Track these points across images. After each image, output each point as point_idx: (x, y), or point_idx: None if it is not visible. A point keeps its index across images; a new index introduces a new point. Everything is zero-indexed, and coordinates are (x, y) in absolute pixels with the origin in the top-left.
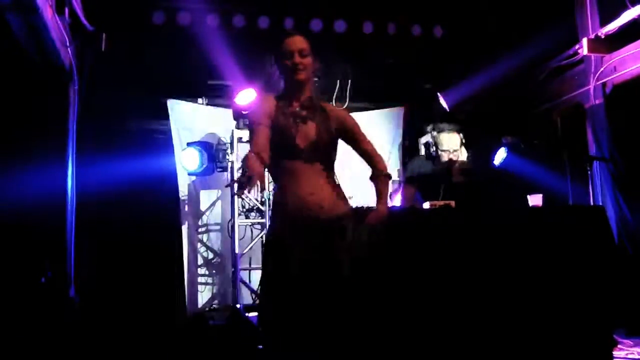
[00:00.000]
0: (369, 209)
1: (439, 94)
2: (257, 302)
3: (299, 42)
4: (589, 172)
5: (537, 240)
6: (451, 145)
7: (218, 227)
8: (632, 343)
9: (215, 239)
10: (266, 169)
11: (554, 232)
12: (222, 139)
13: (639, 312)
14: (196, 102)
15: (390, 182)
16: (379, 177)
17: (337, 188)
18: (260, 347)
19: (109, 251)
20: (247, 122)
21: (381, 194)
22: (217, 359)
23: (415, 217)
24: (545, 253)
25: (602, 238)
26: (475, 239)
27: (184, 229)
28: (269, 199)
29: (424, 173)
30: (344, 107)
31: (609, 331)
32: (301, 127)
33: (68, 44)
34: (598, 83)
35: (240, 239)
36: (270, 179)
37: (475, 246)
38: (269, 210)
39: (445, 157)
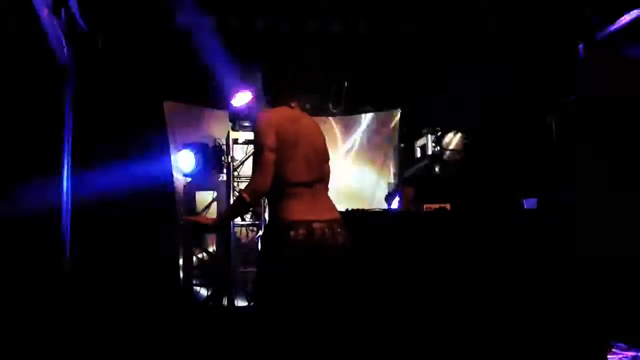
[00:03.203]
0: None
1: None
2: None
3: None
4: None
5: (530, 242)
6: (456, 144)
7: None
8: (625, 347)
9: (210, 241)
10: None
11: (547, 233)
12: (218, 140)
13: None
14: (192, 103)
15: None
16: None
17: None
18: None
19: (103, 252)
20: None
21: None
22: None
23: (410, 220)
24: (540, 255)
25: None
26: (470, 241)
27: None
28: (264, 201)
29: (421, 174)
30: (341, 109)
31: (604, 334)
32: None
33: (64, 44)
34: None
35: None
36: None
37: (470, 248)
38: (264, 212)
39: (451, 157)
